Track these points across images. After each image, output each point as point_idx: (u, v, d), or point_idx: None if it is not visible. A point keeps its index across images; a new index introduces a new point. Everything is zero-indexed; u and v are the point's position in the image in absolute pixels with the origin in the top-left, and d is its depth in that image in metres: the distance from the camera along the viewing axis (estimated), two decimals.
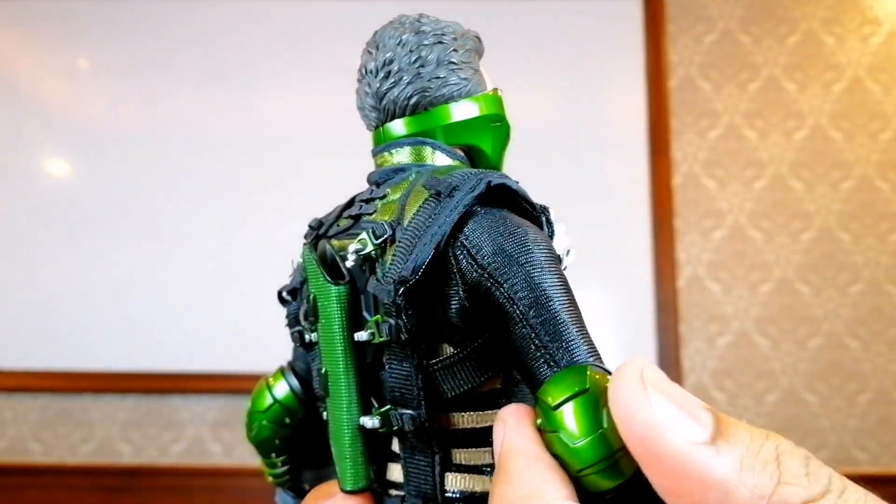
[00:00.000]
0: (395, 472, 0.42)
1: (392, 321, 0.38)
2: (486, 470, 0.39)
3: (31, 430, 1.84)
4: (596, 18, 1.93)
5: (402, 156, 0.46)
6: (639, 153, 1.88)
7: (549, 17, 1.93)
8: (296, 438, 0.55)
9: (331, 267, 0.43)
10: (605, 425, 0.29)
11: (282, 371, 0.55)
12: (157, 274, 1.80)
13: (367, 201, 0.44)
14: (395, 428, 0.39)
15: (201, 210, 1.82)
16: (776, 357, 1.82)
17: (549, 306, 0.35)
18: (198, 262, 1.80)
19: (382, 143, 0.47)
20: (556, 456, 0.30)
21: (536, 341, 0.34)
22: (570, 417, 0.30)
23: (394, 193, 0.43)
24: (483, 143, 0.48)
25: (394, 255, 0.38)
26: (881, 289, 1.83)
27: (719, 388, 1.81)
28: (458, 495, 0.39)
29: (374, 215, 0.42)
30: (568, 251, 0.43)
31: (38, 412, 1.85)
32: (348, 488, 0.42)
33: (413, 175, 0.44)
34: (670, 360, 1.80)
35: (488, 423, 0.39)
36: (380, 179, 0.46)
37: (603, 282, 1.85)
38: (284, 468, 0.56)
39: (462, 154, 0.46)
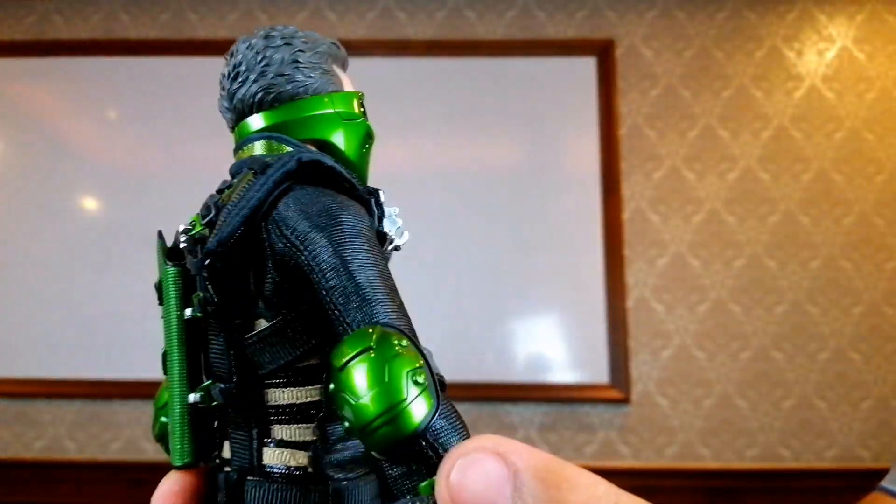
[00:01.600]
0: (228, 450, 0.40)
1: (202, 294, 0.36)
2: (308, 445, 0.37)
3: (67, 431, 2.01)
4: (555, 75, 2.10)
5: (256, 150, 0.44)
6: (593, 191, 2.05)
7: (514, 73, 2.10)
8: None
9: (175, 252, 0.40)
10: (386, 379, 0.28)
11: None
12: None
13: (220, 192, 0.42)
14: (214, 403, 0.37)
15: None
16: (711, 367, 2.02)
17: (347, 269, 0.33)
18: None
19: (240, 140, 0.45)
20: (342, 419, 0.29)
21: (333, 307, 0.32)
22: (353, 375, 0.28)
23: (238, 181, 0.41)
24: (334, 138, 0.45)
25: (211, 233, 0.37)
26: (802, 308, 2.04)
27: (662, 395, 2.01)
28: (276, 469, 0.36)
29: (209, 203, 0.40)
30: (402, 231, 0.42)
31: (74, 415, 2.01)
32: (176, 464, 0.39)
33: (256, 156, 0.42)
34: (620, 371, 1.99)
35: (308, 399, 0.37)
36: (233, 171, 0.44)
37: (561, 303, 2.03)
38: None
39: (313, 149, 0.43)
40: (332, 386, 0.30)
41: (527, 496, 0.25)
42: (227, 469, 0.39)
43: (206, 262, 0.36)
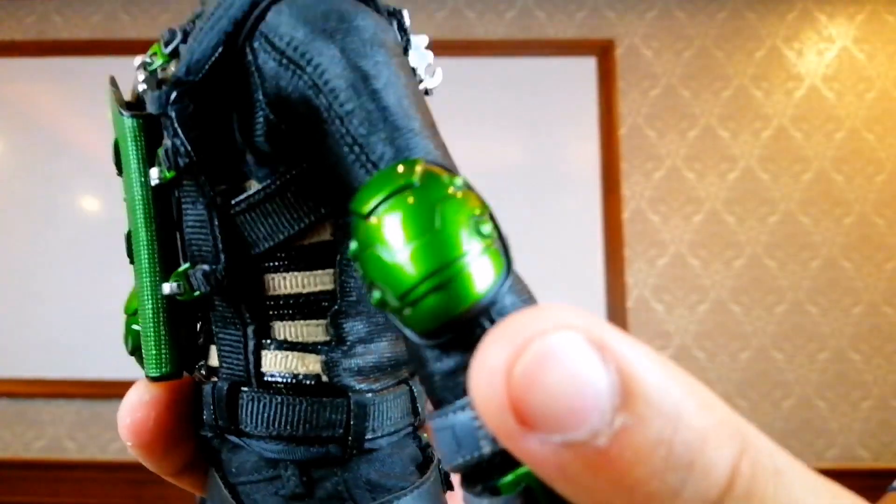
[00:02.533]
0: (214, 356, 0.31)
1: (169, 143, 0.27)
2: (320, 348, 0.29)
3: (67, 431, 2.01)
4: (555, 75, 2.11)
5: None
6: (593, 191, 2.06)
7: (514, 73, 2.10)
8: None
9: (138, 104, 0.31)
10: (437, 226, 0.19)
11: None
12: None
13: (197, 18, 0.31)
14: (196, 293, 0.29)
15: None
16: (712, 368, 2.02)
17: (370, 87, 0.24)
18: None
19: None
20: (371, 286, 0.20)
21: (348, 138, 0.23)
22: (386, 223, 0.20)
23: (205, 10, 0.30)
24: None
25: (182, 57, 0.27)
26: (802, 308, 2.04)
27: None
28: (279, 378, 0.29)
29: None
30: (434, 70, 0.32)
31: (74, 415, 2.01)
32: (151, 374, 0.31)
33: None
34: None
35: (319, 287, 0.28)
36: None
37: (562, 302, 2.03)
38: None
39: None
40: (353, 244, 0.21)
41: (639, 432, 0.16)
42: (215, 379, 0.30)
43: (173, 96, 0.26)
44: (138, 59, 0.29)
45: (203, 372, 0.31)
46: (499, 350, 0.16)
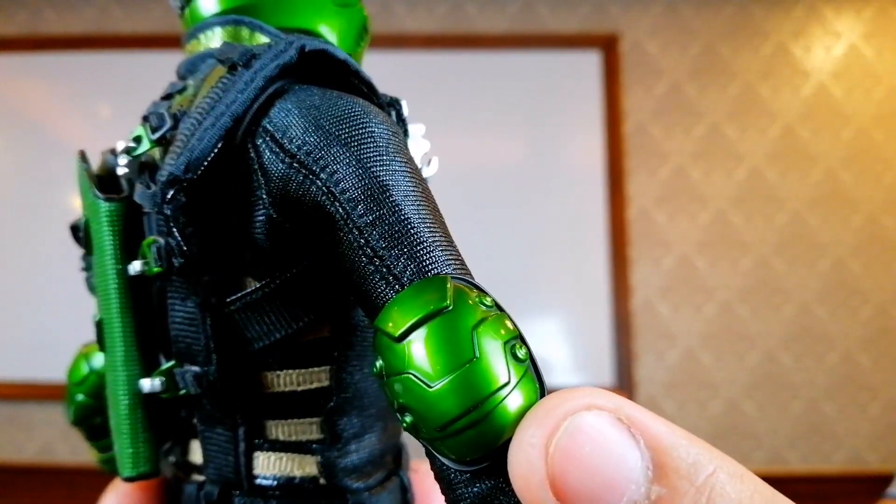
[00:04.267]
0: (198, 452, 0.30)
1: (162, 241, 0.26)
2: (315, 447, 0.28)
3: (59, 434, 1.99)
4: (558, 70, 2.07)
5: (213, 40, 0.32)
6: (596, 190, 2.03)
7: (516, 68, 2.07)
8: None
9: (109, 182, 0.31)
10: (476, 354, 0.19)
11: None
12: None
13: (166, 98, 0.32)
14: (182, 392, 0.27)
15: None
16: (717, 370, 1.99)
17: (389, 199, 0.23)
18: None
19: (191, 28, 0.34)
20: (403, 410, 0.20)
21: (368, 250, 0.23)
22: (421, 349, 0.19)
23: (189, 89, 0.31)
24: (323, 28, 0.33)
25: (169, 152, 0.26)
26: (809, 310, 2.01)
27: (668, 398, 1.98)
28: (271, 482, 0.27)
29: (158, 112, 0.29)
30: (429, 160, 0.32)
31: (66, 418, 1.99)
32: (125, 474, 0.29)
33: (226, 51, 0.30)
34: (625, 373, 1.96)
35: (314, 385, 0.28)
36: (185, 71, 0.34)
37: (565, 304, 2.00)
38: (111, 453, 0.41)
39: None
40: (380, 364, 0.20)
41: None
42: (199, 479, 0.29)
43: (170, 195, 0.25)
44: (120, 144, 0.28)
45: (178, 467, 0.30)
46: (535, 430, 0.17)
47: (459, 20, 2.12)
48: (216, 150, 0.25)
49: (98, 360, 0.41)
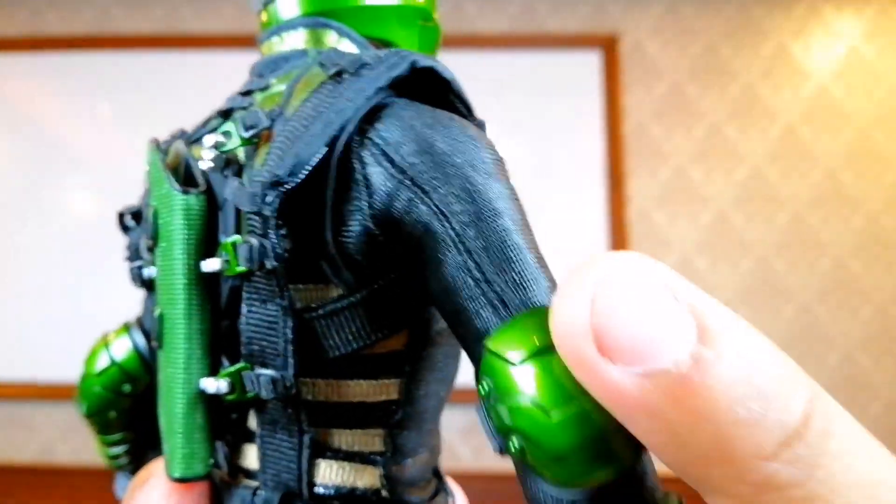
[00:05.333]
0: (251, 457, 0.30)
1: (255, 242, 0.26)
2: (377, 459, 0.28)
3: (60, 435, 1.98)
4: (560, 70, 2.07)
5: (295, 40, 0.32)
6: (596, 190, 2.03)
7: (519, 69, 2.07)
8: (138, 412, 0.40)
9: (184, 176, 0.30)
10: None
11: (126, 327, 0.40)
12: None
13: (245, 94, 0.32)
14: (250, 395, 0.27)
15: None
16: None
17: (497, 225, 0.24)
18: None
19: (272, 27, 0.34)
20: (511, 433, 0.20)
21: (476, 273, 0.23)
22: (544, 378, 0.19)
23: (280, 83, 0.31)
24: (406, 42, 0.35)
25: (268, 154, 0.27)
26: (810, 310, 2.01)
27: None
28: (332, 491, 0.27)
29: (249, 109, 0.30)
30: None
31: (66, 419, 1.98)
32: (176, 475, 0.28)
33: (310, 59, 0.31)
34: None
35: (384, 397, 0.28)
36: (264, 70, 0.33)
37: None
38: (122, 448, 0.42)
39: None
40: (489, 385, 0.20)
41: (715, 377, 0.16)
42: (251, 483, 0.29)
43: (272, 196, 0.25)
44: (211, 138, 0.27)
45: (226, 471, 0.29)
46: (582, 284, 0.17)
47: (459, 20, 2.12)
48: (321, 157, 0.25)
49: (119, 349, 0.39)
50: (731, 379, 0.16)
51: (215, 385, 0.27)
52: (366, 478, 0.28)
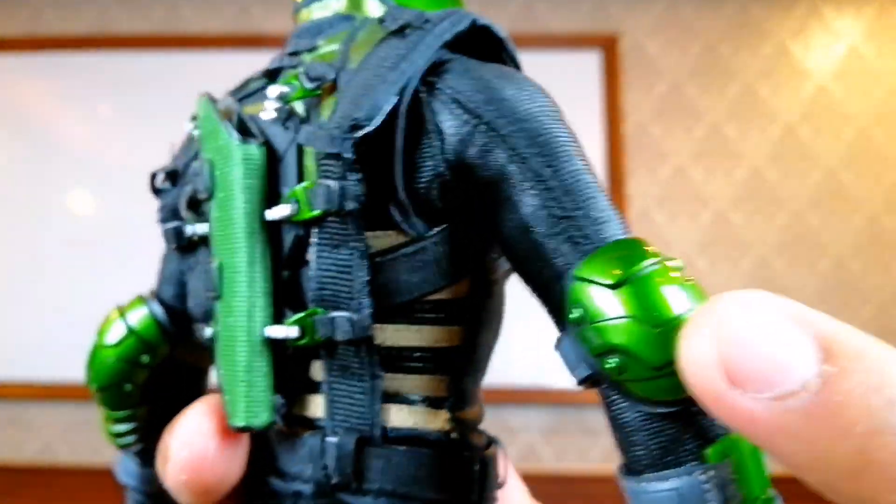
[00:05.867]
0: (313, 406, 0.29)
1: (333, 184, 0.26)
2: (444, 404, 0.29)
3: (60, 435, 1.99)
4: (560, 71, 2.04)
5: (338, 5, 0.32)
6: None
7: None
8: (156, 385, 0.38)
9: (238, 130, 0.30)
10: (691, 305, 0.22)
11: (141, 298, 0.39)
12: None
13: (292, 55, 0.32)
14: (321, 339, 0.27)
15: None
16: None
17: (571, 166, 0.25)
18: None
19: None
20: (610, 352, 0.22)
21: (557, 210, 0.24)
22: (641, 297, 0.21)
23: (329, 44, 0.31)
24: (435, 9, 0.33)
25: (337, 103, 0.27)
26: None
27: None
28: (404, 433, 0.27)
29: (298, 68, 0.30)
30: None
31: (67, 419, 1.98)
32: (240, 424, 0.28)
33: (358, 22, 0.31)
34: None
35: (446, 343, 0.28)
36: (307, 34, 0.33)
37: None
38: (131, 425, 0.39)
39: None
40: (578, 312, 0.22)
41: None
42: (312, 433, 0.28)
43: (351, 139, 0.25)
44: (275, 89, 0.28)
45: (282, 424, 0.29)
46: (707, 321, 0.19)
47: None
48: (393, 105, 0.26)
49: (136, 317, 0.37)
50: (863, 391, 0.17)
51: (284, 331, 0.27)
52: (436, 421, 0.28)
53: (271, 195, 0.28)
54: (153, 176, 0.36)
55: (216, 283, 0.29)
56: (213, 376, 0.34)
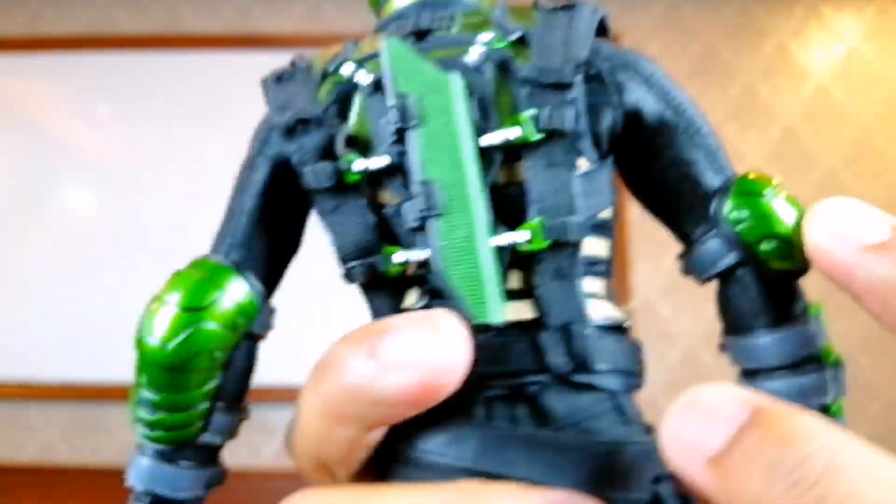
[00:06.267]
0: (516, 312, 0.33)
1: (560, 110, 0.29)
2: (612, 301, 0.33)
3: (59, 435, 1.99)
4: None
5: None
6: None
7: None
8: (233, 356, 0.33)
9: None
10: (800, 209, 0.30)
11: (215, 264, 0.33)
12: None
13: (437, 20, 0.34)
14: (546, 243, 0.30)
15: (209, 238, 2.00)
16: (719, 371, 1.93)
17: (705, 121, 0.31)
18: None
19: None
20: (766, 239, 0.29)
21: (707, 148, 0.31)
22: (782, 202, 0.29)
23: (470, 17, 0.32)
24: None
25: (532, 55, 0.30)
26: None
27: (668, 399, 1.90)
28: (608, 322, 0.31)
29: (453, 30, 0.32)
30: None
31: (66, 419, 1.99)
32: (490, 320, 0.31)
33: (483, 4, 0.33)
34: None
35: (605, 254, 0.32)
36: (428, 9, 0.35)
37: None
38: (205, 406, 0.30)
39: None
40: (744, 212, 0.29)
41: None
42: (517, 333, 0.31)
43: (574, 70, 0.30)
44: (485, 36, 0.31)
45: (493, 329, 0.31)
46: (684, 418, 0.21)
47: None
48: (585, 56, 0.30)
49: (235, 289, 0.31)
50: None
51: (512, 237, 0.30)
52: (618, 313, 0.32)
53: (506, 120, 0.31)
54: (294, 122, 0.33)
55: (439, 202, 0.30)
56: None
